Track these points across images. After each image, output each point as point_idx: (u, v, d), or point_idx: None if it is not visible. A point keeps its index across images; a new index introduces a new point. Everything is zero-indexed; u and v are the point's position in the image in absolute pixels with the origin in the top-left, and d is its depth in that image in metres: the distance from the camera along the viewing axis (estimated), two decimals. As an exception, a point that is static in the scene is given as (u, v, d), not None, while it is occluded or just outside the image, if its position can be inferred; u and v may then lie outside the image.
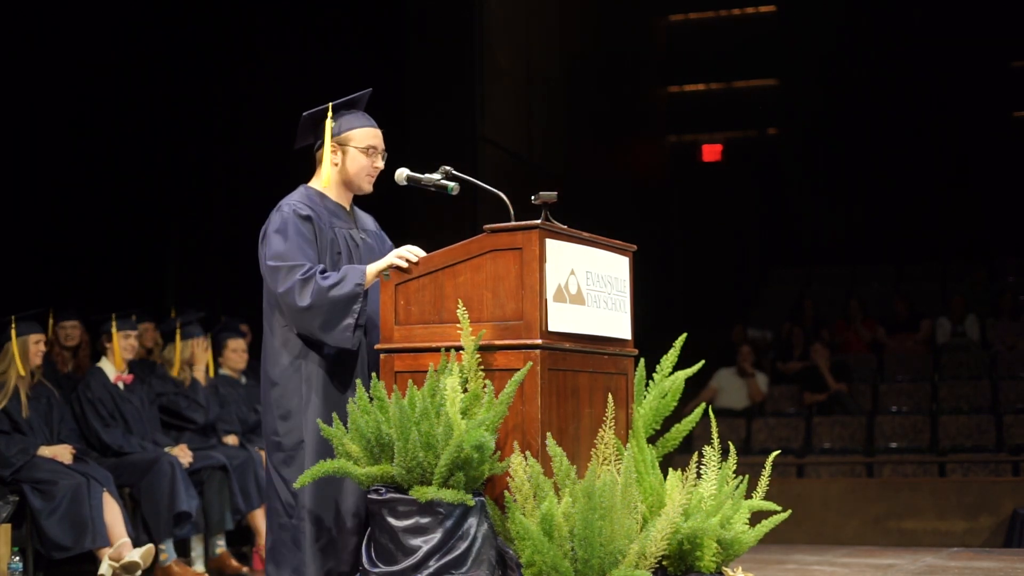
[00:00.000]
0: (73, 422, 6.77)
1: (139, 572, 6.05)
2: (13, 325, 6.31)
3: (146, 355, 7.63)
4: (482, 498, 3.82)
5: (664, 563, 4.00)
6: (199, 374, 7.45)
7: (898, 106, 14.77)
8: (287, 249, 4.14)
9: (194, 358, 7.42)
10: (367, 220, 4.52)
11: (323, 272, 4.11)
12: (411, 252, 4.10)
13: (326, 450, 4.00)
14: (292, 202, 4.26)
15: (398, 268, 4.09)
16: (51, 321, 7.19)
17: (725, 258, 15.23)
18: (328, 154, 4.32)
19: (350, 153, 4.33)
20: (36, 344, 6.41)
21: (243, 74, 9.68)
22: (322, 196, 4.34)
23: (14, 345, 6.32)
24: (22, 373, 6.32)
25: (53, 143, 8.65)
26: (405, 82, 10.44)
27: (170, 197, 9.48)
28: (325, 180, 4.34)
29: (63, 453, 6.34)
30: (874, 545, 8.68)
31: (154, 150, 9.27)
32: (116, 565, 6.03)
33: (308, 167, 4.43)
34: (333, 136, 4.32)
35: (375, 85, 4.47)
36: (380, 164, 4.38)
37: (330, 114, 4.31)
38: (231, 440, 7.40)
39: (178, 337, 7.37)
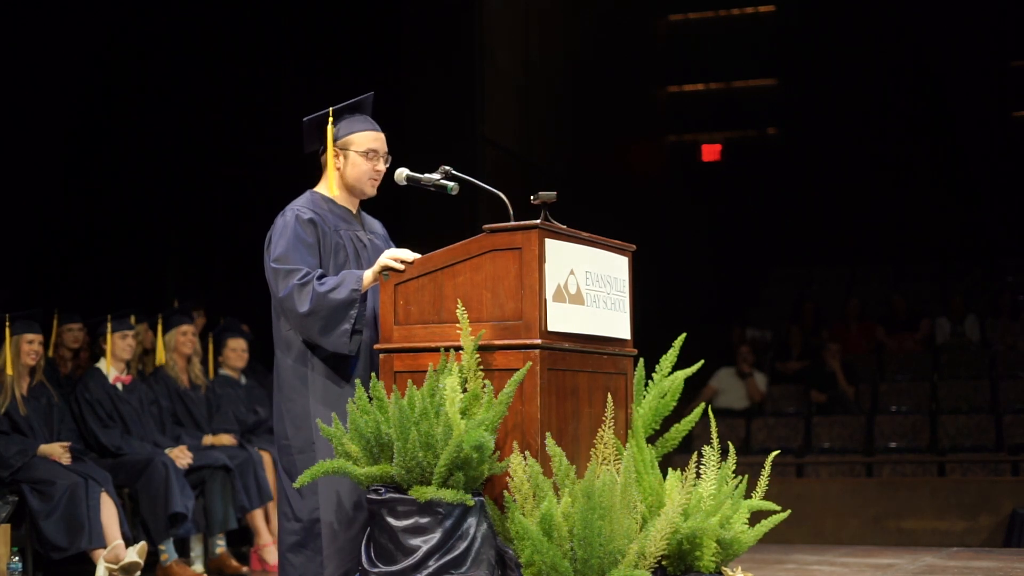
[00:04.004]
0: (73, 423, 6.76)
1: (138, 572, 6.03)
2: (7, 325, 6.30)
3: (143, 354, 7.60)
4: (481, 498, 3.82)
5: (664, 563, 4.00)
6: (196, 369, 7.42)
7: (898, 106, 14.76)
8: (287, 253, 4.15)
9: (180, 346, 7.36)
10: (375, 224, 4.53)
11: (320, 277, 4.12)
12: (404, 253, 4.10)
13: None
14: (296, 207, 4.28)
15: (393, 270, 4.09)
16: (55, 323, 7.18)
17: (725, 258, 15.21)
18: (331, 159, 4.33)
19: (351, 158, 4.33)
20: (29, 344, 6.36)
21: (242, 75, 9.67)
22: (327, 200, 4.34)
23: (7, 345, 6.31)
24: (9, 372, 6.30)
25: (54, 145, 8.64)
26: (405, 82, 10.43)
27: (170, 198, 9.47)
28: (331, 186, 4.34)
29: (58, 451, 6.32)
30: (874, 545, 8.67)
31: (155, 151, 9.27)
32: (114, 567, 6.01)
33: (309, 169, 4.43)
34: (334, 141, 4.32)
35: (375, 86, 4.47)
36: (382, 168, 4.37)
37: (331, 119, 4.32)
38: (226, 440, 7.36)
39: (159, 327, 7.30)
